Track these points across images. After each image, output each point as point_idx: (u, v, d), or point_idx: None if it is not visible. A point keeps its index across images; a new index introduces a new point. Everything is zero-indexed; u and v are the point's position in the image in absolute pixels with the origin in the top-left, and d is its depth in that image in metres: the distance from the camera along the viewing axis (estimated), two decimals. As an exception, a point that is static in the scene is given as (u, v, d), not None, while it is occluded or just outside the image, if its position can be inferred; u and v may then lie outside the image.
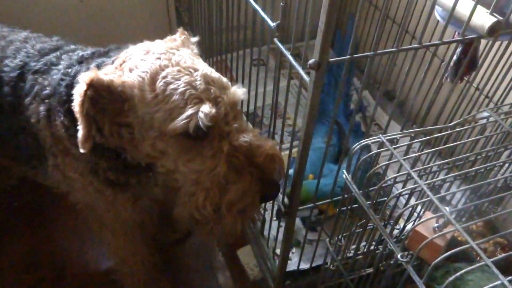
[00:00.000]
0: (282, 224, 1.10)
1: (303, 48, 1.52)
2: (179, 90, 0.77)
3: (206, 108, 0.76)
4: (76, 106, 0.77)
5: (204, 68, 0.83)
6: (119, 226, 1.15)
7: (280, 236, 1.09)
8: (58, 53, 1.00)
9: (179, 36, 0.94)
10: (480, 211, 1.29)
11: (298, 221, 1.40)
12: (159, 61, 0.80)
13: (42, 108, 0.94)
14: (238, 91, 0.84)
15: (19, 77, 0.98)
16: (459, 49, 1.03)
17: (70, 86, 0.89)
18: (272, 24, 0.84)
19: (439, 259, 0.66)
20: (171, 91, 0.77)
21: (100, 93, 0.78)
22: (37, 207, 1.60)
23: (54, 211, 1.59)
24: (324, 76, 0.72)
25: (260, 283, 1.37)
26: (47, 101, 0.93)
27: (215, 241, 1.55)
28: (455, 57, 1.05)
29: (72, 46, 1.04)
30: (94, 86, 0.77)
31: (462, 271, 0.65)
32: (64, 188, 1.07)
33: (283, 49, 0.82)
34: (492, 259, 0.64)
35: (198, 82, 0.78)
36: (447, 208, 0.70)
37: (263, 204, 1.19)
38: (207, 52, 1.54)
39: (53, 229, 1.56)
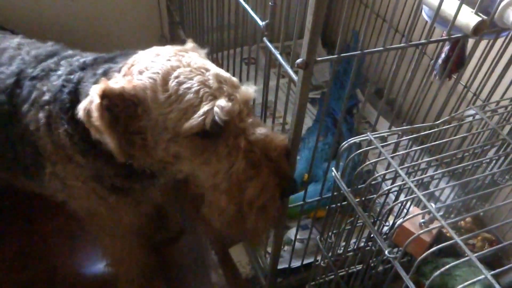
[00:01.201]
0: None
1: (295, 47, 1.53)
2: (193, 89, 0.76)
3: (222, 102, 0.76)
4: (95, 121, 0.75)
5: (215, 68, 0.83)
6: (120, 229, 1.15)
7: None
8: (55, 58, 0.98)
9: (189, 44, 0.93)
10: (468, 207, 1.31)
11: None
12: (170, 62, 0.79)
13: (41, 115, 0.91)
14: (250, 89, 0.84)
15: (16, 83, 0.95)
16: (446, 48, 1.05)
17: (74, 92, 0.87)
18: (261, 23, 0.85)
19: (424, 254, 0.67)
20: (185, 90, 0.77)
21: (113, 102, 0.77)
22: (28, 207, 1.59)
23: (45, 210, 1.58)
24: (312, 74, 0.73)
25: (252, 281, 1.38)
26: (46, 107, 0.91)
27: (208, 240, 1.55)
28: (443, 55, 1.06)
29: (70, 52, 1.02)
30: (107, 96, 0.76)
31: (447, 266, 0.66)
32: (62, 197, 1.06)
33: (272, 48, 0.83)
34: (476, 254, 0.66)
35: (211, 81, 0.78)
36: (433, 205, 0.72)
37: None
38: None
39: (45, 228, 1.55)
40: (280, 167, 0.80)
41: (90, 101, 0.76)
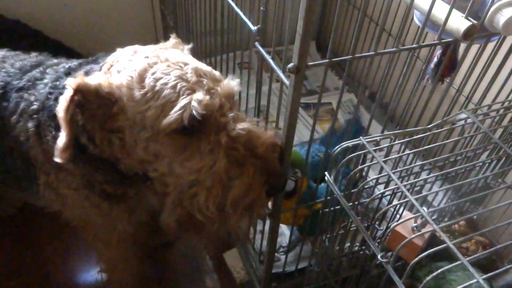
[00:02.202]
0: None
1: (289, 51, 1.54)
2: (170, 84, 0.74)
3: (199, 95, 0.73)
4: (60, 111, 0.74)
5: (195, 62, 0.80)
6: (114, 237, 1.13)
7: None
8: (41, 68, 0.97)
9: (171, 40, 0.92)
10: (462, 211, 1.31)
11: (285, 227, 1.40)
12: (148, 59, 0.78)
13: (30, 124, 0.90)
14: (232, 82, 0.81)
15: (2, 97, 0.94)
16: (438, 52, 1.05)
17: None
18: (253, 28, 0.85)
19: (417, 258, 0.67)
20: (162, 86, 0.74)
21: (88, 98, 0.76)
22: (21, 213, 1.58)
23: (38, 216, 1.57)
24: (303, 79, 0.73)
25: (246, 286, 1.37)
26: (35, 116, 0.90)
27: (203, 244, 1.55)
28: (435, 60, 1.07)
29: (55, 60, 1.01)
30: (82, 92, 0.75)
31: (440, 270, 0.66)
32: (57, 207, 1.04)
33: (264, 53, 0.83)
34: (468, 258, 0.66)
35: (189, 75, 0.76)
36: (425, 209, 0.72)
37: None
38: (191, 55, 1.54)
39: (37, 235, 1.54)
40: (268, 164, 0.77)
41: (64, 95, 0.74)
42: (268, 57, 0.81)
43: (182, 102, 0.72)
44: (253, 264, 1.28)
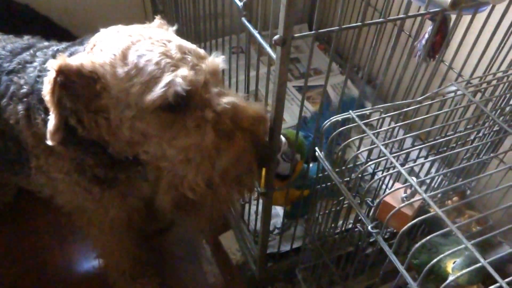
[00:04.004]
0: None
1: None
2: (154, 61, 0.73)
3: (183, 71, 0.73)
4: (46, 94, 0.74)
5: (179, 39, 0.80)
6: (107, 223, 1.13)
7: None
8: (31, 51, 0.96)
9: (156, 21, 0.92)
10: (456, 189, 1.32)
11: (279, 208, 1.40)
12: (131, 37, 0.77)
13: (20, 107, 0.90)
14: (217, 59, 0.80)
15: None
16: (429, 28, 1.04)
17: None
18: (239, 3, 0.84)
19: (406, 227, 0.67)
20: (145, 63, 0.73)
21: (70, 78, 0.76)
22: (17, 201, 1.58)
23: (35, 205, 1.57)
24: (290, 51, 0.73)
25: (243, 267, 1.38)
26: (25, 99, 0.89)
27: (199, 229, 1.55)
28: (426, 36, 1.06)
29: (46, 43, 1.00)
30: (64, 72, 0.74)
31: (428, 237, 0.66)
32: (48, 191, 1.04)
33: (251, 28, 0.82)
34: (456, 225, 0.66)
35: (173, 52, 0.75)
36: (414, 179, 0.72)
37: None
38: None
39: (34, 223, 1.54)
40: (254, 136, 0.77)
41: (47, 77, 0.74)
42: (255, 32, 0.81)
43: (167, 78, 0.72)
44: (248, 245, 1.29)
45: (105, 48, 0.77)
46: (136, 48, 0.75)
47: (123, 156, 0.90)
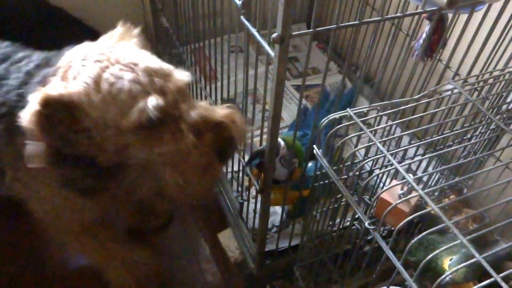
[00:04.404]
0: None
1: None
2: (125, 89, 0.78)
3: (153, 101, 0.78)
4: (29, 125, 0.77)
5: (144, 60, 0.83)
6: (78, 227, 1.14)
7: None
8: (7, 64, 0.97)
9: (118, 29, 0.93)
10: (453, 188, 1.33)
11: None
12: (99, 64, 0.81)
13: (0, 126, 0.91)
14: (181, 75, 0.85)
15: None
16: (427, 27, 1.05)
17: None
18: (238, 2, 0.85)
19: (402, 223, 0.68)
20: (117, 92, 0.78)
21: (54, 108, 0.79)
22: (15, 199, 1.58)
23: (32, 203, 1.57)
24: (288, 50, 0.73)
25: (241, 265, 1.39)
26: (4, 119, 0.91)
27: (198, 226, 1.56)
28: (424, 35, 1.06)
29: (20, 54, 0.99)
30: (48, 105, 0.77)
31: (424, 233, 0.67)
32: (23, 196, 1.05)
33: (249, 27, 0.83)
34: (452, 221, 0.67)
35: (141, 78, 0.80)
36: (411, 175, 0.72)
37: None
38: (182, 40, 1.53)
39: (33, 221, 1.54)
40: (220, 132, 0.84)
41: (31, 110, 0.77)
42: (254, 30, 0.81)
43: (139, 105, 0.78)
44: (246, 243, 1.29)
45: (78, 76, 0.80)
46: (106, 76, 0.79)
47: (112, 163, 0.92)
